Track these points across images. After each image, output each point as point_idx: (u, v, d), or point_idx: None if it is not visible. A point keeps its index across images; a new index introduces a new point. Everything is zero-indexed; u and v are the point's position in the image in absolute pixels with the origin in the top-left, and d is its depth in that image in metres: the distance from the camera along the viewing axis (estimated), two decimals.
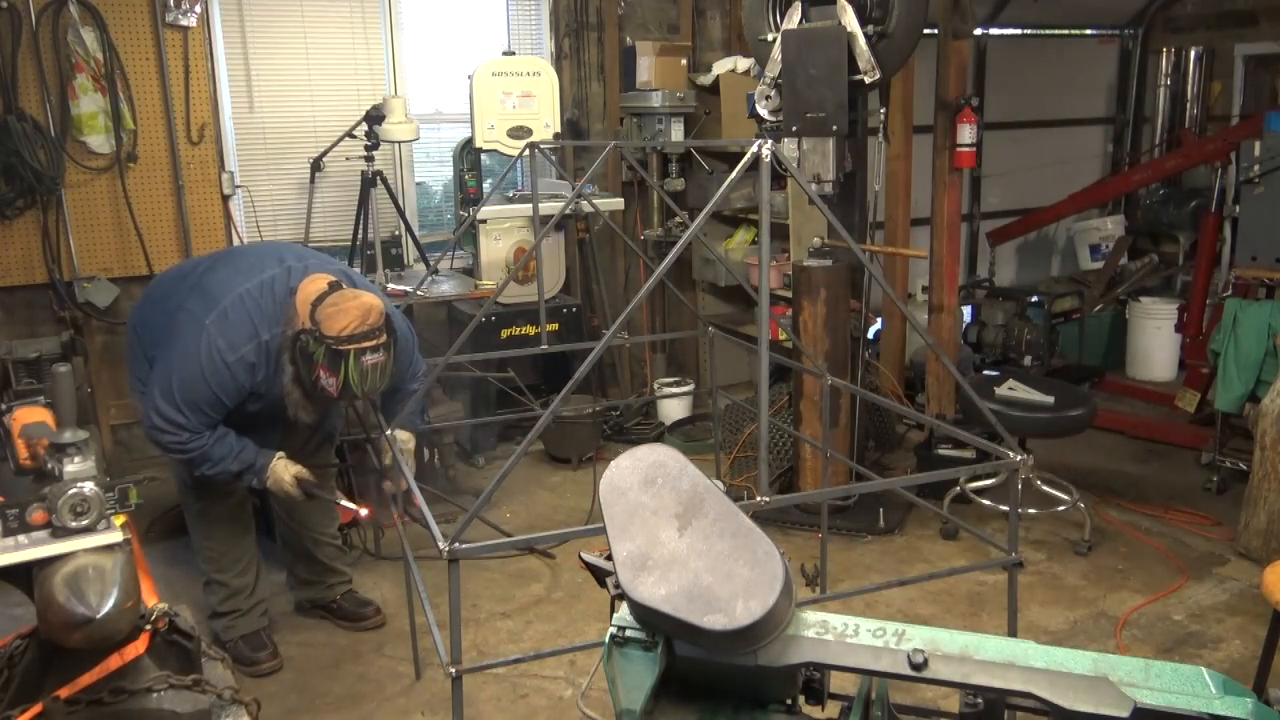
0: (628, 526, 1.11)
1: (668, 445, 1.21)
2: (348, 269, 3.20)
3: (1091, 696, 0.98)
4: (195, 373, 2.84)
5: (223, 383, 2.85)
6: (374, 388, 2.86)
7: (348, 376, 2.78)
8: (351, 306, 2.79)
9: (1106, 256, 6.56)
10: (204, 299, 2.93)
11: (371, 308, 2.81)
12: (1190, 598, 3.64)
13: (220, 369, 2.84)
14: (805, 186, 2.62)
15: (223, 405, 2.90)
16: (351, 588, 3.63)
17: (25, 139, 4.18)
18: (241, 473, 3.00)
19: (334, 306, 2.79)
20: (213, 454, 2.93)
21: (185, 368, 2.84)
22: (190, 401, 2.85)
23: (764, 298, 2.13)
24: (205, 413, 2.88)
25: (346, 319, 2.77)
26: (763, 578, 1.04)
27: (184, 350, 2.86)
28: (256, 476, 3.01)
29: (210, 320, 2.86)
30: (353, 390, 2.81)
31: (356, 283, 3.07)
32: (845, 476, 4.09)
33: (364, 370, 2.79)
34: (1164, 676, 1.00)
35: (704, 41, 5.84)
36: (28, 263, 4.39)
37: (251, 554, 3.34)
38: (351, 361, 2.77)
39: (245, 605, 3.31)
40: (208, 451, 2.92)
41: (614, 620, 1.13)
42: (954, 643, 1.06)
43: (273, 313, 2.90)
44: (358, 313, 2.78)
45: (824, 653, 1.07)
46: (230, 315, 2.87)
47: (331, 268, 3.06)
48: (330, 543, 3.58)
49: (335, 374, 2.79)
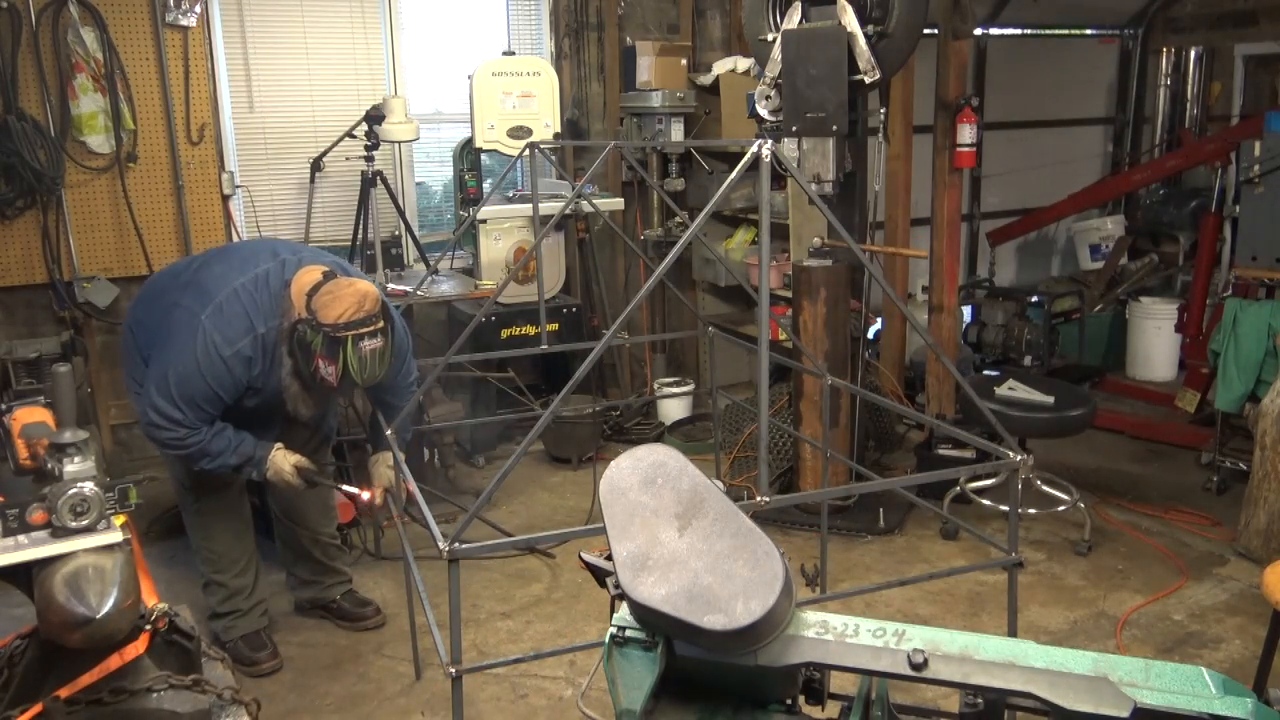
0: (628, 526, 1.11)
1: (667, 445, 1.21)
2: (341, 261, 3.20)
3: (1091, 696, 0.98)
4: (192, 368, 2.83)
5: (219, 377, 2.85)
6: (373, 375, 2.85)
7: (347, 363, 2.78)
8: (347, 294, 2.79)
9: (1106, 256, 6.56)
10: (199, 294, 2.92)
11: (367, 294, 2.81)
12: (1190, 598, 3.64)
13: (217, 363, 2.83)
14: (805, 186, 2.62)
15: (220, 400, 2.89)
16: (352, 588, 3.63)
17: (25, 139, 4.17)
18: (241, 466, 2.99)
19: (330, 294, 2.79)
20: (211, 449, 2.92)
21: (181, 364, 2.84)
22: (187, 397, 2.84)
23: (764, 297, 2.13)
24: (202, 408, 2.87)
25: (343, 306, 2.77)
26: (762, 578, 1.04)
27: (180, 346, 2.86)
28: (256, 468, 2.99)
29: (206, 315, 2.85)
30: (352, 378, 2.81)
31: (350, 273, 3.07)
32: (845, 476, 4.09)
33: (363, 356, 2.79)
34: (1164, 676, 1.00)
35: (704, 41, 5.84)
36: (28, 263, 4.39)
37: (251, 554, 3.34)
38: (350, 348, 2.77)
39: (245, 606, 3.31)
40: (206, 446, 2.91)
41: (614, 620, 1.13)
42: (954, 643, 1.06)
43: (268, 306, 2.90)
44: (354, 299, 2.78)
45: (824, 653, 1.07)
46: (225, 310, 2.87)
47: (325, 259, 3.06)
48: (329, 542, 3.58)
49: (334, 362, 2.78)
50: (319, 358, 2.80)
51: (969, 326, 5.73)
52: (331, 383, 2.83)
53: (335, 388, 2.87)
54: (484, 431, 5.02)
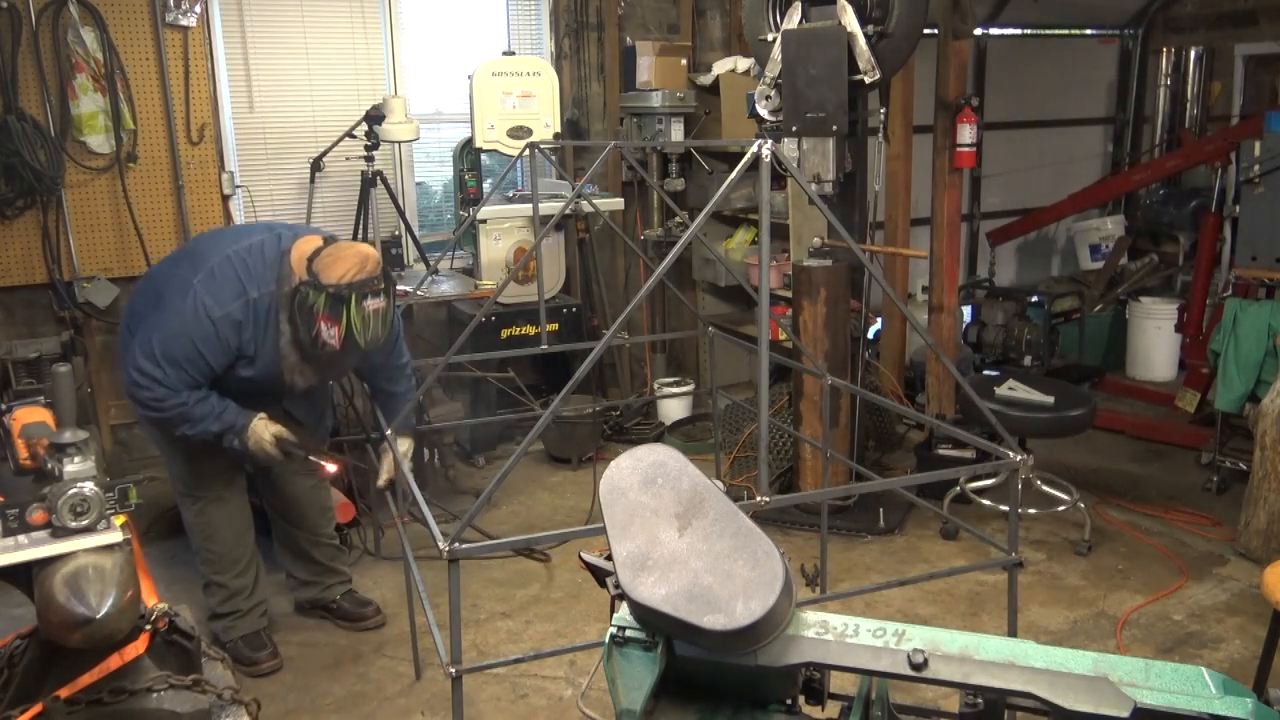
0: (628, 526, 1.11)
1: (667, 445, 1.21)
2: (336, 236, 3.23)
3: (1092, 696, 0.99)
4: (179, 328, 2.84)
5: (206, 339, 2.84)
6: (375, 336, 2.85)
7: (350, 324, 2.78)
8: (350, 254, 2.82)
9: (1106, 256, 6.56)
10: (192, 261, 2.95)
11: (369, 255, 2.84)
12: (1190, 598, 3.64)
13: (205, 324, 2.83)
14: (805, 186, 2.62)
15: (205, 365, 2.87)
16: (351, 588, 3.63)
17: (25, 139, 4.17)
18: (222, 433, 2.97)
19: (332, 256, 2.82)
20: (192, 414, 2.91)
21: (169, 325, 2.85)
22: (169, 356, 2.83)
23: (764, 297, 2.13)
24: (185, 370, 2.86)
25: (345, 265, 2.79)
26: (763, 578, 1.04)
27: (169, 307, 2.87)
28: (237, 437, 2.98)
29: (198, 280, 2.86)
30: (355, 339, 2.81)
31: None
32: (845, 476, 4.09)
33: (365, 316, 2.79)
34: (1164, 676, 1.00)
35: (704, 41, 5.84)
36: (28, 263, 4.39)
37: (251, 555, 3.34)
38: (353, 307, 2.77)
39: (245, 606, 3.31)
40: (187, 411, 2.90)
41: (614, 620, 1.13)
42: (954, 643, 1.06)
43: (261, 272, 2.90)
44: (356, 259, 2.80)
45: (824, 653, 1.07)
46: (218, 274, 2.88)
47: (322, 232, 3.09)
48: (328, 543, 3.58)
49: (338, 322, 2.78)
50: (321, 319, 2.79)
51: (969, 326, 5.73)
52: (334, 345, 2.82)
53: (339, 350, 2.85)
54: (484, 431, 5.02)
